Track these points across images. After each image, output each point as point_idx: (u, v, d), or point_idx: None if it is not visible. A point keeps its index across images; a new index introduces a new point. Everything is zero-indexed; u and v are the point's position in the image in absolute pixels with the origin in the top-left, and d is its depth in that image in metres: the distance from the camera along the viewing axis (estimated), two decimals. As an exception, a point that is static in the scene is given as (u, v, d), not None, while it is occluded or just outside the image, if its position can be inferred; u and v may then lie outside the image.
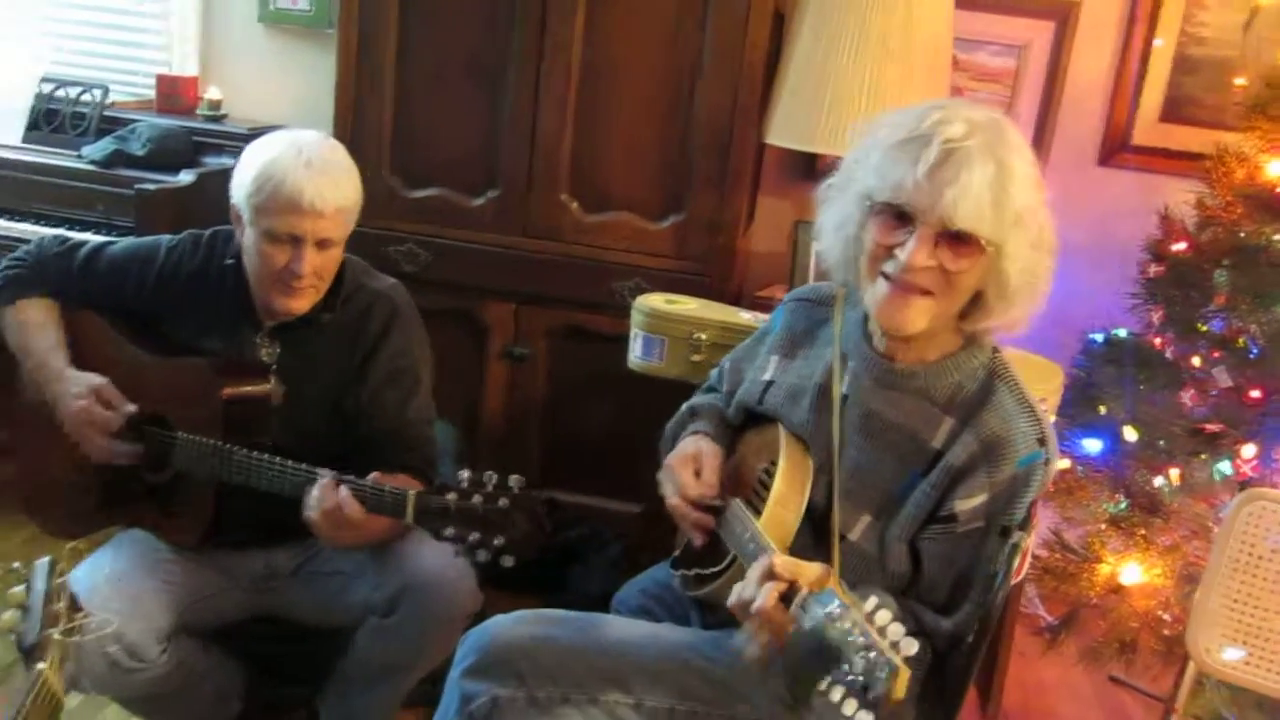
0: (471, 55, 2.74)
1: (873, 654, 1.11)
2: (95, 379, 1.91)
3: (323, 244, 1.88)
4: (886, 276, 1.41)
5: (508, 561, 1.62)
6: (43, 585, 1.06)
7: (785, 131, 2.62)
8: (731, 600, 1.36)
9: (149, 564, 1.89)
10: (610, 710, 1.47)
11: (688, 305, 2.42)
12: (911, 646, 1.12)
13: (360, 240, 2.04)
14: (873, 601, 1.17)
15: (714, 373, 1.86)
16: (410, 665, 1.97)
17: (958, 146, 1.33)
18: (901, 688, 1.09)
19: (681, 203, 2.74)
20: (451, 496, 1.64)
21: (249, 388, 1.92)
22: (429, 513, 1.66)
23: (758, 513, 1.54)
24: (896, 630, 1.13)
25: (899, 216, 1.38)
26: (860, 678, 1.11)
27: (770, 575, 1.30)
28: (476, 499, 1.63)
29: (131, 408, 1.91)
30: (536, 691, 1.46)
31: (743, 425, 1.74)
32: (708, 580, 1.59)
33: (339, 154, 1.92)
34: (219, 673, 2.03)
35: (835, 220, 1.50)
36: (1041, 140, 3.06)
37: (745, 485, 1.66)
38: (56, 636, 1.03)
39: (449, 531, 1.63)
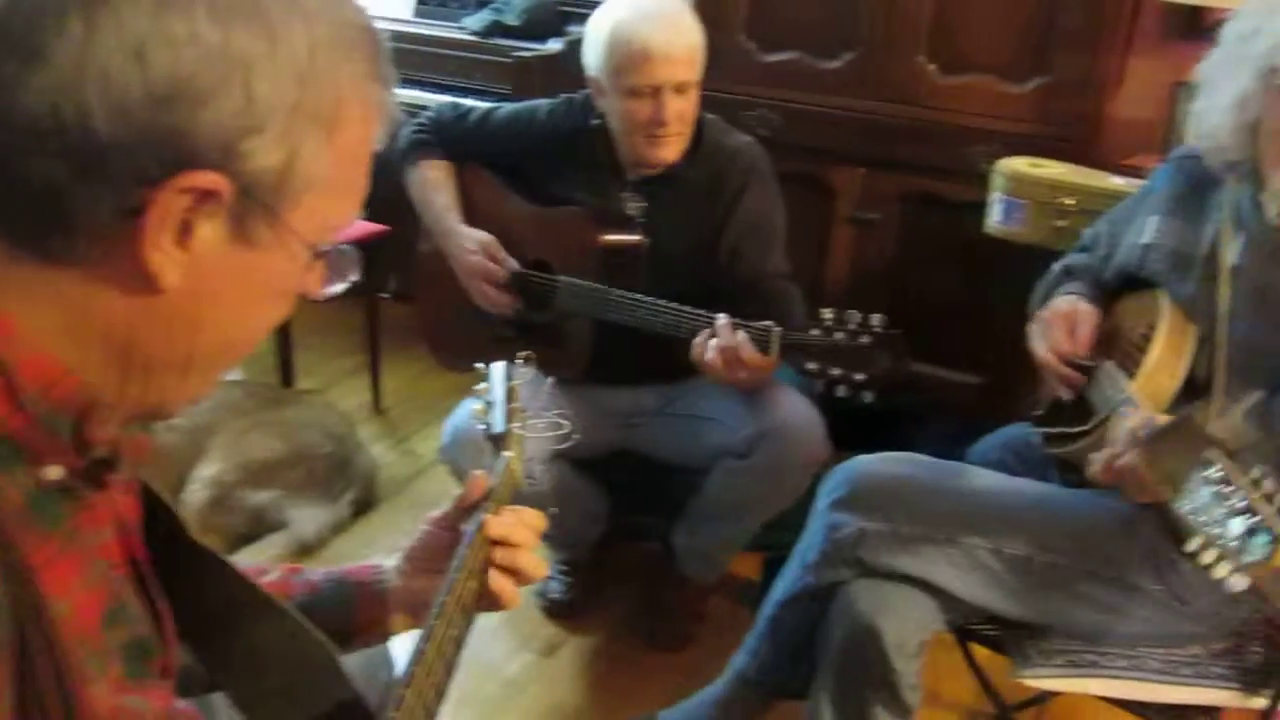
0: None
1: (1254, 519, 1.08)
2: (485, 236, 2.13)
3: (680, 88, 1.97)
4: None
5: (867, 397, 1.69)
6: (502, 385, 1.23)
7: (1171, -17, 2.42)
8: (1100, 455, 1.35)
9: (540, 398, 2.10)
10: (969, 553, 1.51)
11: (1054, 169, 2.33)
12: None
13: (712, 105, 2.10)
14: (1258, 469, 1.13)
15: (1088, 232, 1.80)
16: (759, 505, 2.09)
17: None
18: None
19: (1047, 63, 2.60)
20: (815, 333, 1.71)
21: (622, 236, 2.06)
22: (792, 347, 1.74)
23: (1131, 376, 1.51)
24: None
25: None
26: (1235, 543, 1.08)
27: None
28: (839, 335, 1.69)
29: (514, 264, 2.11)
30: (899, 527, 1.52)
31: (1118, 290, 1.69)
32: (1072, 439, 1.58)
33: (673, 0, 1.99)
34: (587, 497, 2.24)
35: (1229, 98, 1.39)
36: None
37: (1119, 349, 1.62)
38: (517, 431, 1.19)
39: (811, 366, 1.71)
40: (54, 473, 0.64)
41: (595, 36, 2.00)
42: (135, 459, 0.72)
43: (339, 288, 0.76)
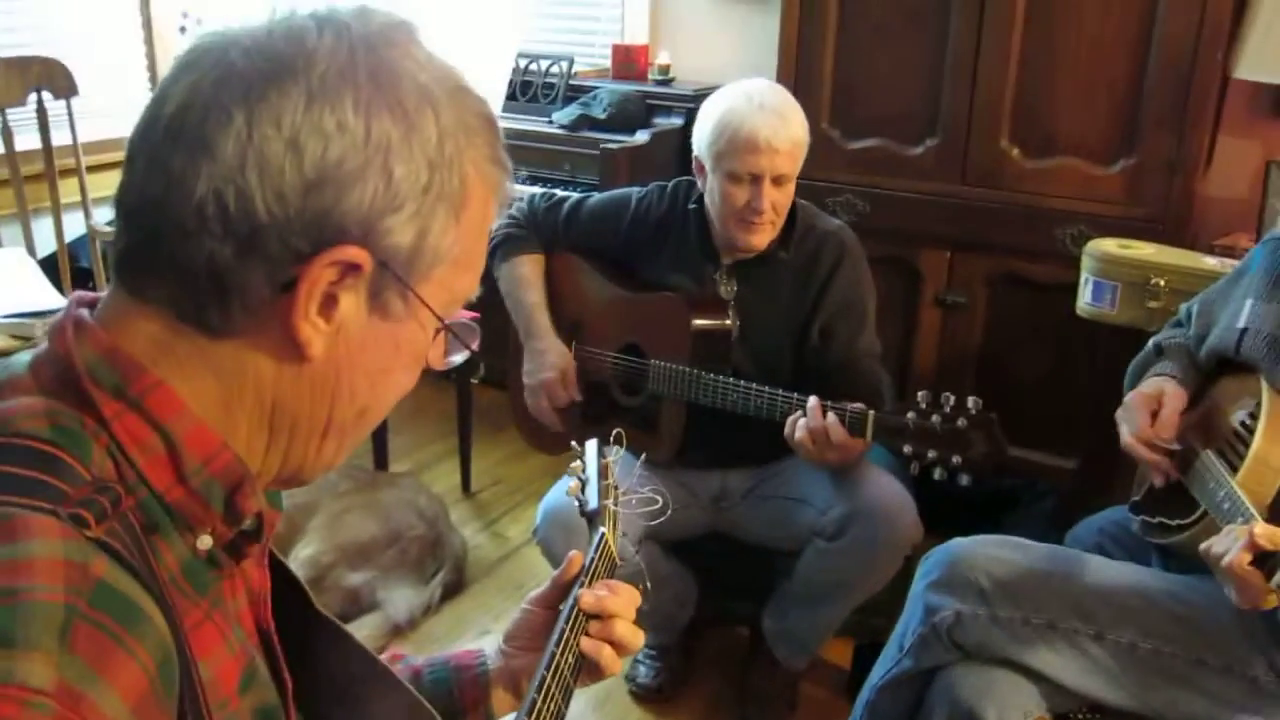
0: (914, 4, 2.76)
1: None
2: (566, 361, 2.20)
3: (778, 180, 2.01)
4: None
5: (964, 480, 1.68)
6: (595, 463, 1.26)
7: (1259, 64, 2.42)
8: (1201, 548, 1.33)
9: (630, 478, 2.13)
10: (1070, 638, 1.48)
11: (1144, 250, 2.32)
12: None
13: (798, 191, 2.14)
14: None
15: (1183, 308, 1.79)
16: (851, 587, 2.06)
17: None
18: None
19: (1133, 145, 2.61)
20: (910, 415, 1.71)
21: (714, 320, 2.09)
22: (887, 430, 1.74)
23: (1233, 467, 1.48)
24: None
25: None
26: None
27: (1248, 543, 1.26)
28: (934, 418, 1.69)
29: (579, 398, 2.19)
30: (998, 611, 1.50)
31: (1215, 370, 1.67)
32: (1172, 531, 1.55)
33: (785, 95, 2.05)
34: (678, 580, 2.24)
35: None
36: None
37: (1218, 434, 1.59)
38: (611, 507, 1.22)
39: (906, 449, 1.70)
40: (205, 542, 0.68)
41: (707, 116, 2.05)
42: (270, 531, 0.75)
43: (460, 358, 0.80)
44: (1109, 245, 2.34)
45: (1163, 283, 2.23)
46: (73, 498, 0.59)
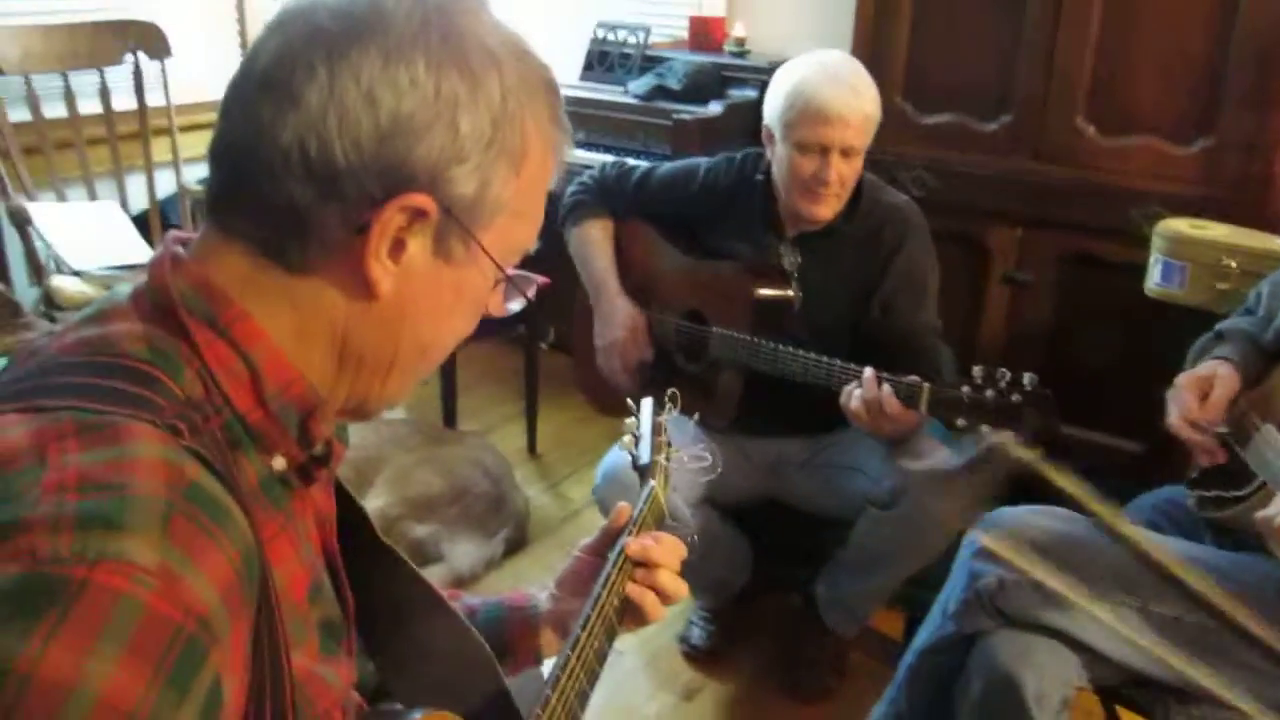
0: (992, -21, 2.74)
1: None
2: (637, 318, 2.24)
3: (847, 153, 2.02)
4: None
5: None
6: (649, 419, 1.31)
7: (1349, 43, 2.36)
8: (1256, 515, 1.34)
9: (686, 439, 2.17)
10: (1115, 610, 1.49)
11: (1216, 231, 2.29)
12: None
13: (869, 164, 2.15)
14: None
15: (1252, 294, 1.78)
16: (902, 557, 2.09)
17: None
18: None
19: (1213, 124, 2.56)
20: (965, 389, 1.72)
21: (776, 290, 2.12)
22: (942, 403, 1.76)
23: None
24: None
25: None
26: None
27: None
28: (989, 393, 1.70)
29: (650, 354, 2.23)
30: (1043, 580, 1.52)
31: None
32: (1229, 504, 1.55)
33: (859, 68, 2.06)
34: (732, 544, 2.29)
35: None
36: None
37: (1279, 411, 1.58)
38: (662, 462, 1.27)
39: (960, 422, 1.72)
40: (279, 463, 0.75)
41: (779, 86, 2.07)
42: (337, 461, 0.82)
43: (517, 305, 0.86)
44: (1180, 225, 2.32)
45: (1234, 264, 2.20)
46: (168, 411, 0.66)
